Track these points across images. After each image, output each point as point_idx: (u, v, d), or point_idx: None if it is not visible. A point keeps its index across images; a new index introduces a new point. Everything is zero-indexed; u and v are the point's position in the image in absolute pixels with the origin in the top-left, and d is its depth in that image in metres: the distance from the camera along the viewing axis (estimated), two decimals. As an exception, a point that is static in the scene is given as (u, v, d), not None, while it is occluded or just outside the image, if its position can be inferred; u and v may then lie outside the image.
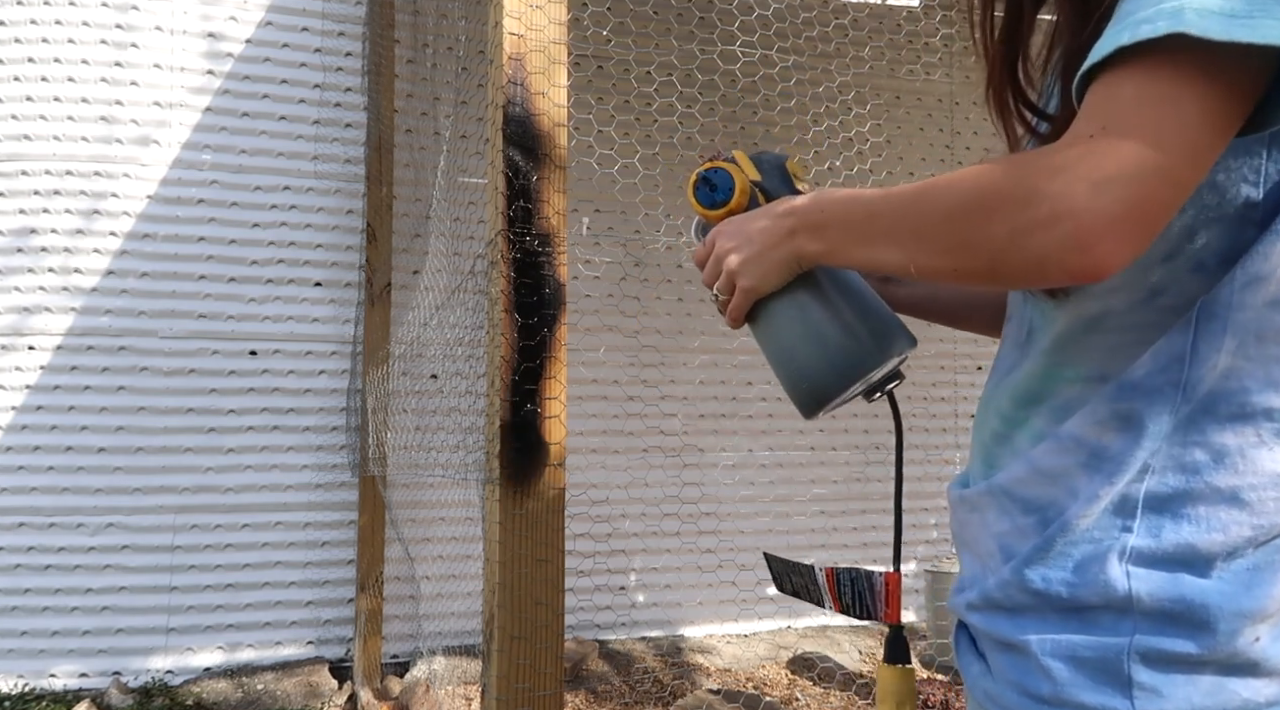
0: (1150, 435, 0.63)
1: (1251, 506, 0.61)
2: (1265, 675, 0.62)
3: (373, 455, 3.30)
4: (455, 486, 3.47)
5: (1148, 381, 0.64)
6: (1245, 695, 0.62)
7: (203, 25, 3.70)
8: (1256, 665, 0.62)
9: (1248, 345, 0.61)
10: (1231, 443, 0.62)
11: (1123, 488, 0.64)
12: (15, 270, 3.50)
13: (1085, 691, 0.64)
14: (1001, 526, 0.71)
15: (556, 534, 1.32)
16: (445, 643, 3.56)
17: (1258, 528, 0.61)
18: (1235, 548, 0.62)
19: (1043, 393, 0.71)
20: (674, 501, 4.10)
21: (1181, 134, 0.55)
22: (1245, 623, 0.61)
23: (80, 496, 3.44)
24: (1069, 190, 0.56)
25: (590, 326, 3.98)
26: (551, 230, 1.35)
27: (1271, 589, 0.62)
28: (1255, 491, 0.61)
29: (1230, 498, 0.62)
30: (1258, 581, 0.62)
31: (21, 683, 3.35)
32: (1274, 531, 0.62)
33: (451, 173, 3.34)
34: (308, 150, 3.77)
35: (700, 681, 3.67)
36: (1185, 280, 0.64)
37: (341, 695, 3.46)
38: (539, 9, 1.36)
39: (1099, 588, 0.64)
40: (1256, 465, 0.62)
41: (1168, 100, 0.55)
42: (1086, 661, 0.64)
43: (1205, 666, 0.62)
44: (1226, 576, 0.62)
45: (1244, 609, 0.61)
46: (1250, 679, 0.62)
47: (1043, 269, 0.58)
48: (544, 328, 1.34)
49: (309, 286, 3.74)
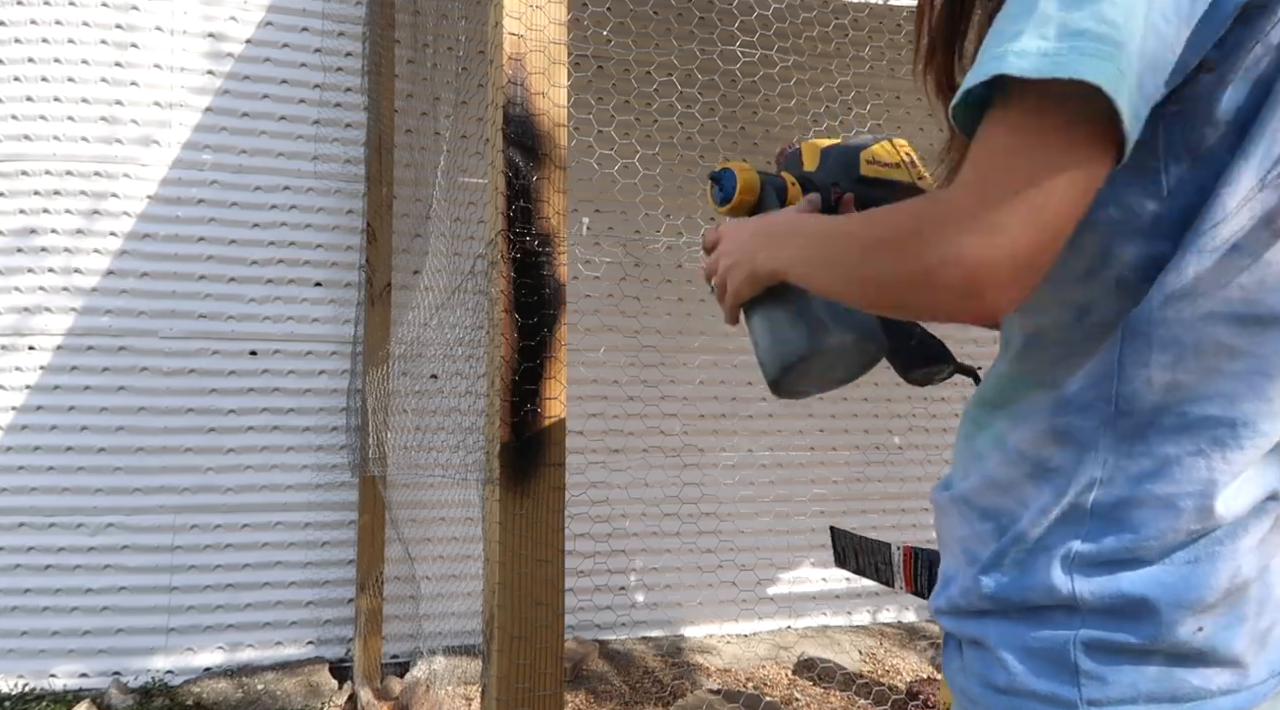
0: (1087, 448, 0.66)
1: (1186, 513, 0.64)
2: (1216, 664, 0.64)
3: (373, 455, 3.30)
4: (455, 486, 3.47)
5: (1080, 397, 0.67)
6: (1195, 683, 0.64)
7: (203, 25, 3.70)
8: (1204, 654, 0.64)
9: (1186, 359, 0.63)
10: (1173, 452, 0.64)
11: (1073, 499, 0.67)
12: (15, 270, 3.50)
13: (1036, 680, 0.67)
14: (963, 532, 0.75)
15: (556, 534, 1.32)
16: (445, 643, 3.56)
17: (1192, 532, 0.64)
18: (1170, 548, 0.64)
19: (1004, 398, 0.74)
20: (674, 501, 4.10)
21: (1051, 180, 0.57)
22: (1185, 614, 0.63)
23: (80, 496, 3.44)
24: (955, 241, 0.59)
25: (590, 326, 3.98)
26: (551, 230, 1.35)
27: (1209, 580, 0.64)
28: (1191, 498, 0.64)
29: (1167, 504, 0.64)
30: (1195, 575, 0.64)
31: (21, 683, 3.35)
32: (1207, 531, 0.64)
33: (451, 173, 3.34)
34: (308, 150, 3.76)
35: (700, 681, 3.67)
36: (1109, 297, 0.66)
37: (342, 695, 3.46)
38: (539, 9, 1.36)
39: (1046, 591, 0.67)
40: (1192, 474, 0.64)
41: (1035, 148, 0.58)
42: (1037, 652, 0.67)
43: (1151, 656, 0.64)
44: (1164, 571, 0.64)
45: (1183, 601, 0.63)
46: (1200, 668, 0.64)
47: (937, 311, 0.63)
48: (544, 328, 1.34)
49: (309, 286, 3.74)
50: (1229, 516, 0.64)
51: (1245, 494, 0.64)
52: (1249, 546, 0.65)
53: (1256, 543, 0.65)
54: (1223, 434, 0.63)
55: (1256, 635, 0.66)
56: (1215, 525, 0.64)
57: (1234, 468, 0.63)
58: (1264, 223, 0.61)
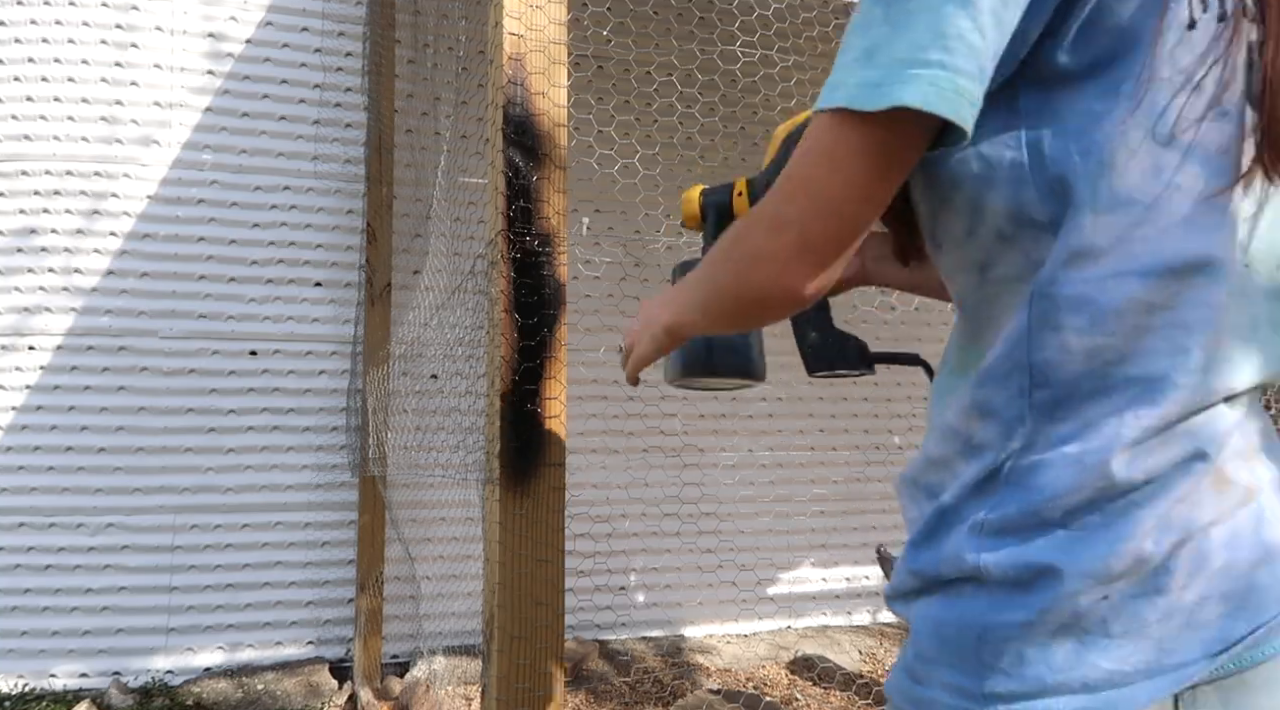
0: (1010, 423, 0.64)
1: (1093, 470, 0.60)
2: (1127, 639, 0.59)
3: (373, 455, 3.30)
4: (455, 486, 3.47)
5: (997, 368, 0.65)
6: (1107, 666, 0.59)
7: (203, 25, 3.70)
8: (1110, 628, 0.60)
9: (1105, 321, 0.61)
10: (1092, 415, 0.61)
11: (990, 465, 0.65)
12: (16, 270, 3.50)
13: (946, 670, 0.64)
14: (913, 513, 0.74)
15: (556, 534, 1.31)
16: (445, 643, 3.56)
17: (1100, 490, 0.60)
18: (1077, 510, 0.61)
19: (961, 367, 0.74)
20: (674, 501, 4.10)
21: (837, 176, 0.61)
22: (1090, 581, 0.60)
23: (80, 496, 3.44)
24: (758, 236, 0.66)
25: (590, 326, 3.98)
26: (551, 230, 1.35)
27: (1118, 545, 0.60)
28: (1098, 454, 0.60)
29: (1075, 462, 0.61)
30: (1100, 539, 0.60)
31: (21, 683, 3.35)
32: (1116, 491, 0.60)
33: (451, 173, 3.34)
34: (308, 150, 3.76)
35: (700, 681, 3.67)
36: (998, 251, 0.66)
37: (342, 695, 3.46)
38: (539, 9, 1.36)
39: (954, 562, 0.65)
40: (1104, 431, 0.61)
41: (824, 152, 0.62)
42: (949, 640, 0.64)
43: (1058, 636, 0.60)
44: (1069, 535, 0.61)
45: (1087, 567, 0.60)
46: (1110, 646, 0.59)
47: (765, 311, 0.69)
48: (544, 328, 1.33)
49: (309, 286, 3.74)
50: (1143, 475, 0.60)
51: (1165, 451, 0.61)
52: (1169, 509, 0.60)
53: (1179, 505, 0.60)
54: (1138, 392, 0.61)
55: (1182, 610, 0.60)
56: (1128, 484, 0.60)
57: (1150, 424, 0.60)
58: (1153, 173, 0.60)
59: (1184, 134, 0.60)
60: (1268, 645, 0.60)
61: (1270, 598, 0.60)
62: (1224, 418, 0.62)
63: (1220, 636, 0.60)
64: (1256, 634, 0.60)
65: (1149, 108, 0.60)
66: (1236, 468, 0.62)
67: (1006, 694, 0.60)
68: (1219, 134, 0.61)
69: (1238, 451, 0.63)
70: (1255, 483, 0.63)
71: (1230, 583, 0.60)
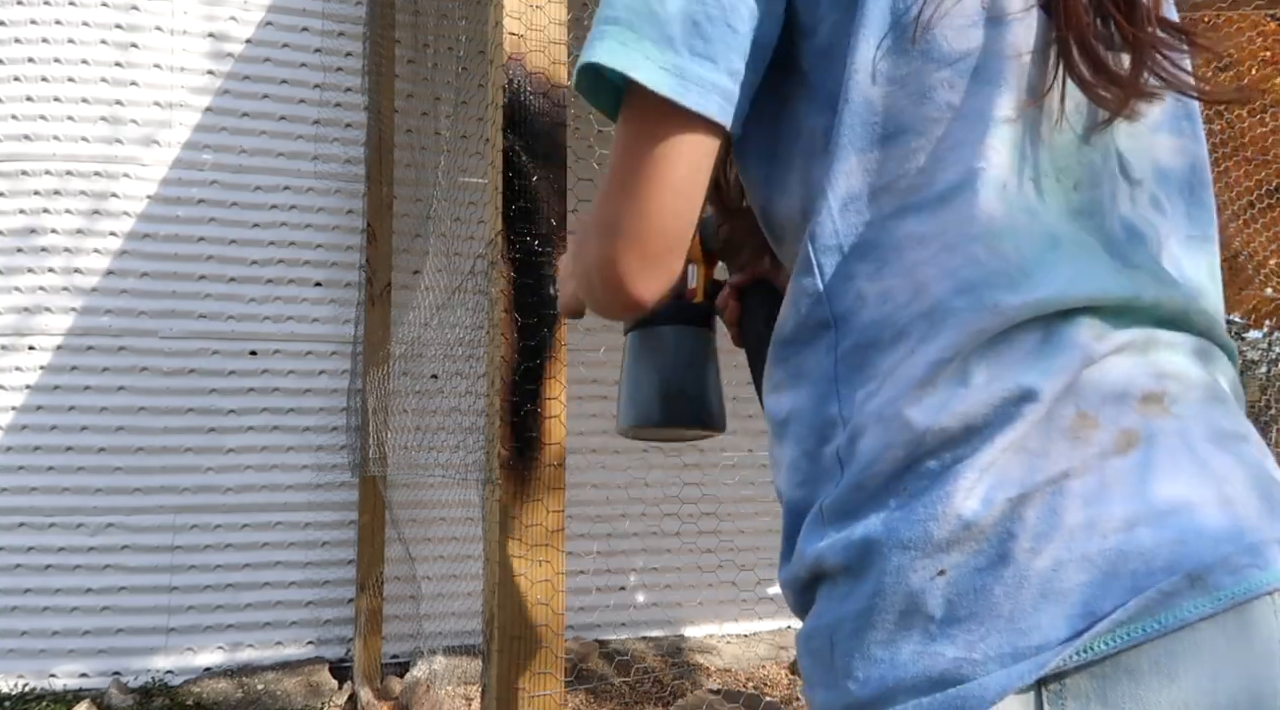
0: (817, 379, 0.59)
1: (892, 421, 0.53)
2: (977, 620, 0.49)
3: (373, 455, 3.30)
4: (455, 486, 3.47)
5: (800, 334, 0.61)
6: (953, 655, 0.49)
7: (203, 25, 3.70)
8: (954, 608, 0.50)
9: (889, 262, 0.56)
10: (888, 365, 0.55)
11: (812, 445, 0.59)
12: (16, 270, 3.50)
13: (820, 690, 0.55)
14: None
15: (556, 534, 1.32)
16: (445, 643, 3.55)
17: (909, 445, 0.53)
18: (897, 472, 0.53)
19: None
20: (674, 501, 4.10)
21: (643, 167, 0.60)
22: (913, 554, 0.51)
23: (80, 496, 3.44)
24: (589, 244, 0.64)
25: (590, 326, 3.98)
26: (551, 230, 1.35)
27: (935, 508, 0.51)
28: (894, 404, 0.54)
29: (877, 417, 0.54)
30: (920, 503, 0.52)
31: (21, 683, 3.35)
32: (928, 445, 0.52)
33: (451, 173, 3.34)
34: (308, 150, 3.76)
35: (701, 681, 3.67)
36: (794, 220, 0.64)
37: (342, 695, 3.46)
38: (539, 9, 1.36)
39: (802, 562, 0.58)
40: (900, 377, 0.54)
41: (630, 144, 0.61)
42: (816, 654, 0.56)
43: (901, 626, 0.51)
44: (892, 505, 0.53)
45: (904, 537, 0.51)
46: (955, 631, 0.50)
47: (611, 305, 0.65)
48: (544, 328, 1.34)
49: (309, 286, 3.74)
50: (958, 422, 0.52)
51: (980, 392, 0.52)
52: (996, 460, 0.51)
53: (1013, 455, 0.51)
54: (925, 327, 0.54)
55: (1033, 579, 0.49)
56: (941, 434, 0.52)
57: (938, 357, 0.53)
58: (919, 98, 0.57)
59: (951, 49, 0.56)
60: (1151, 619, 0.48)
61: (1157, 563, 0.48)
62: (1070, 353, 0.53)
63: (1084, 609, 0.48)
64: (1132, 605, 0.48)
65: (901, 29, 0.56)
66: (1115, 411, 0.52)
67: (858, 704, 0.52)
68: (995, 45, 0.56)
69: (1120, 393, 0.53)
70: (1145, 429, 0.52)
71: (1094, 543, 0.49)
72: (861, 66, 0.57)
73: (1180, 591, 0.48)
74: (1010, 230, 0.54)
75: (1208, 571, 0.48)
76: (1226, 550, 0.49)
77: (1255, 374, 7.12)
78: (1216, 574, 0.48)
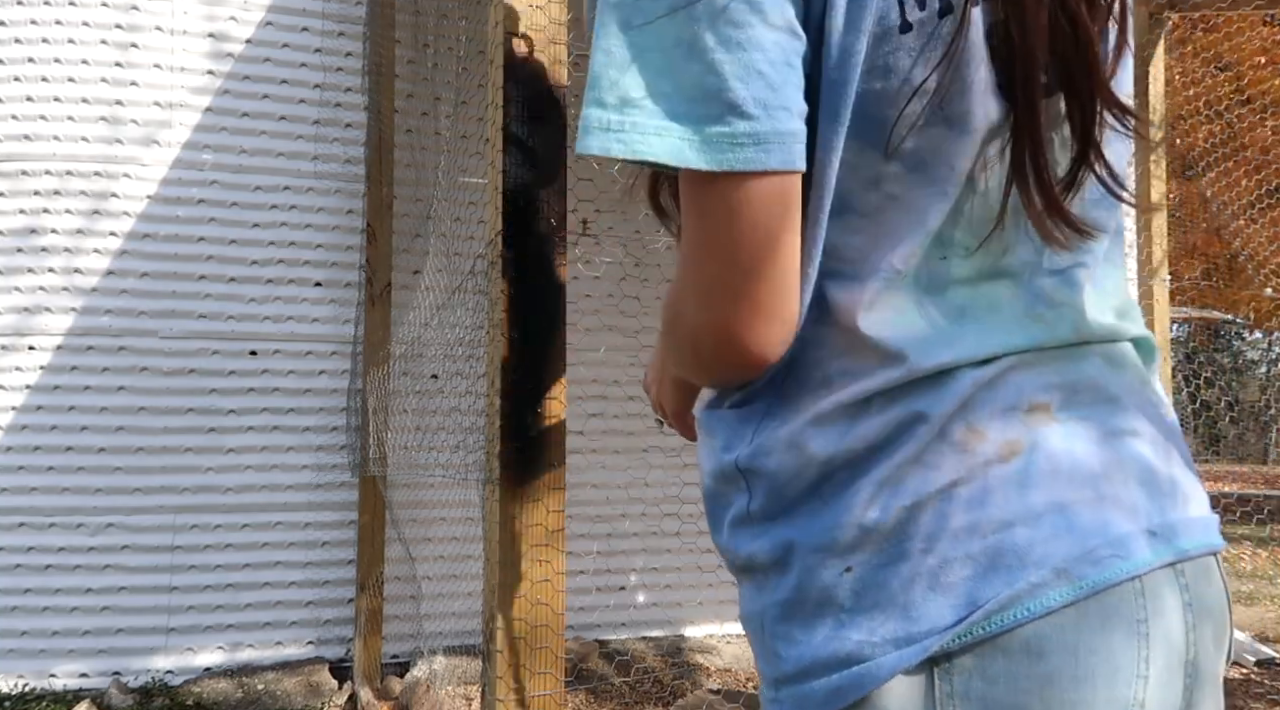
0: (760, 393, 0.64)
1: (795, 447, 0.61)
2: (878, 609, 0.57)
3: (373, 455, 3.30)
4: (455, 486, 3.47)
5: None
6: (857, 638, 0.57)
7: (203, 25, 3.70)
8: (860, 599, 0.58)
9: (821, 319, 0.62)
10: (803, 398, 0.62)
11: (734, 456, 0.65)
12: (16, 270, 3.50)
13: (762, 663, 0.64)
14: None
15: (556, 534, 1.32)
16: (445, 643, 3.55)
17: (810, 464, 0.60)
18: (812, 483, 0.61)
19: None
20: (674, 501, 4.10)
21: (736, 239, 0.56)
22: (822, 555, 0.59)
23: (80, 496, 3.44)
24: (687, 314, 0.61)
25: (590, 326, 3.98)
26: (551, 230, 1.35)
27: (840, 518, 0.59)
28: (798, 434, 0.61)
29: (786, 443, 0.61)
30: (829, 511, 0.59)
31: (21, 683, 3.35)
32: (833, 464, 0.60)
33: (451, 173, 3.34)
34: (308, 150, 3.76)
35: (701, 681, 3.67)
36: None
37: (342, 695, 3.46)
38: (539, 9, 1.36)
39: (737, 555, 0.66)
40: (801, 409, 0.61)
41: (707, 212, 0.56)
42: (753, 634, 0.65)
43: (818, 613, 0.59)
44: (805, 513, 0.61)
45: (815, 541, 0.59)
46: (860, 618, 0.58)
47: (729, 372, 0.63)
48: (544, 328, 1.34)
49: (309, 286, 3.74)
50: (861, 444, 0.59)
51: (879, 418, 0.59)
52: (893, 474, 0.58)
53: (908, 469, 0.58)
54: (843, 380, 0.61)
55: (924, 574, 0.57)
56: (847, 454, 0.59)
57: (843, 400, 0.60)
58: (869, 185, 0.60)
59: (904, 142, 0.58)
60: (1020, 606, 0.55)
61: (1030, 558, 0.56)
62: (962, 380, 0.59)
63: (967, 600, 0.56)
64: (1004, 595, 0.55)
65: (861, 121, 0.58)
66: (1003, 424, 0.59)
67: (783, 678, 0.61)
68: (941, 139, 0.58)
69: (1009, 407, 0.59)
70: (1029, 438, 0.59)
71: (976, 543, 0.56)
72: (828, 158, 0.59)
73: (1047, 583, 0.55)
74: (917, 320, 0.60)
75: (1073, 564, 0.56)
76: (1093, 543, 0.56)
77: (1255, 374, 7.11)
78: (1080, 566, 0.56)
